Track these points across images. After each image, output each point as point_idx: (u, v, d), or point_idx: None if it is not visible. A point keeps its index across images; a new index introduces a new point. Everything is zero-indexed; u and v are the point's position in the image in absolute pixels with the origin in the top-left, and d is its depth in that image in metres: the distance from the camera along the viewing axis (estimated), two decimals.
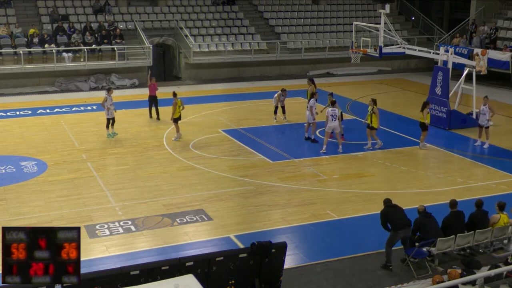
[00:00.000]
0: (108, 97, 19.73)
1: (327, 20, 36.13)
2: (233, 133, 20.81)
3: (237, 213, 14.04)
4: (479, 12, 34.13)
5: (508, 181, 16.42)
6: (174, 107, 19.58)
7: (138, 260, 11.21)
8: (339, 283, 10.91)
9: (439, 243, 11.15)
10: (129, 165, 17.26)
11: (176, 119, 19.68)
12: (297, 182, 16.07)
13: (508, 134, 21.47)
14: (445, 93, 21.82)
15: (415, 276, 10.97)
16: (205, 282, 8.74)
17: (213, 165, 17.24)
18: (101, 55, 29.26)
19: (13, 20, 29.63)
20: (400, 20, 37.70)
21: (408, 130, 21.36)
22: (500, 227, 11.87)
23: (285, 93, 22.15)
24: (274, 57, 32.48)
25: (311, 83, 22.03)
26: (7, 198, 14.65)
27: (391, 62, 35.18)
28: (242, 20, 34.04)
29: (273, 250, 9.73)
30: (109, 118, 19.84)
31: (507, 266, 9.99)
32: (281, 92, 22.06)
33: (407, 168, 17.37)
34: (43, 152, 18.33)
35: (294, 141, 20.27)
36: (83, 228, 12.77)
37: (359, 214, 14.09)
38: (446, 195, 14.55)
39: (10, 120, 22.49)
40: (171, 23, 32.26)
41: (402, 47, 22.45)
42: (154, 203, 14.48)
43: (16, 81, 27.62)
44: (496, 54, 29.50)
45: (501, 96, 27.88)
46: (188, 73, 31.48)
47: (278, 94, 22.13)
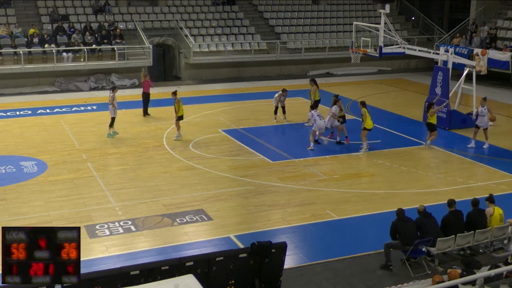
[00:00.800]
0: (114, 95, 19.84)
1: (327, 20, 36.12)
2: (233, 133, 20.81)
3: (237, 213, 14.04)
4: (479, 12, 34.13)
5: (508, 181, 16.42)
6: (177, 105, 19.58)
7: (138, 260, 11.21)
8: (339, 283, 10.91)
9: (439, 243, 11.15)
10: (129, 165, 17.26)
11: (179, 118, 19.68)
12: (297, 182, 16.07)
13: (508, 134, 21.46)
14: (445, 93, 21.82)
15: (412, 276, 10.97)
16: (205, 282, 8.74)
17: (213, 165, 17.23)
18: (101, 55, 29.26)
19: (13, 20, 29.63)
20: (400, 20, 37.70)
21: (408, 130, 21.37)
22: (500, 227, 11.89)
23: (285, 93, 22.15)
24: (274, 57, 32.47)
25: (313, 84, 22.04)
26: (7, 198, 14.65)
27: (391, 62, 35.17)
28: (242, 20, 34.04)
29: (273, 250, 9.73)
30: (114, 117, 19.88)
31: (507, 266, 9.99)
32: (282, 92, 22.06)
33: (407, 168, 17.37)
34: (43, 152, 18.33)
35: (294, 141, 20.27)
36: (83, 228, 12.76)
37: (359, 214, 14.09)
38: (446, 195, 14.53)
39: (10, 120, 22.49)
40: (171, 23, 32.26)
41: (402, 47, 22.45)
42: (154, 203, 14.48)
43: (16, 81, 27.61)
44: (496, 54, 29.49)
45: (501, 96, 27.88)
46: (188, 73, 31.48)
47: (279, 94, 22.12)
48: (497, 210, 12.11)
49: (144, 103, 22.93)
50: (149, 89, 22.73)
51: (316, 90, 21.96)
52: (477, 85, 23.23)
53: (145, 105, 22.95)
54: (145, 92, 22.79)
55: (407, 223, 11.31)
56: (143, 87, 22.91)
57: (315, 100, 21.66)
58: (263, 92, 27.96)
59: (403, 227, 11.26)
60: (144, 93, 22.82)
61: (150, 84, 22.81)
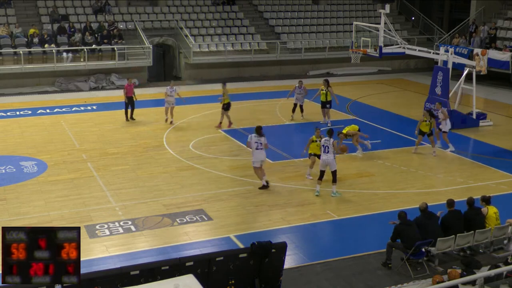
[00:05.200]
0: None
1: (327, 20, 36.11)
2: (233, 133, 20.81)
3: (237, 213, 14.04)
4: (479, 12, 34.13)
5: (508, 181, 16.43)
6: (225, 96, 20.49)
7: (138, 260, 11.22)
8: (339, 283, 10.91)
9: (439, 243, 11.15)
10: (129, 165, 17.26)
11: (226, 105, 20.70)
12: (297, 182, 16.06)
13: (508, 134, 21.46)
14: (445, 93, 21.82)
15: (412, 276, 10.97)
16: (205, 282, 8.74)
17: (213, 165, 17.23)
18: (101, 55, 29.26)
19: (13, 20, 29.63)
20: (400, 20, 37.69)
21: (408, 130, 21.34)
22: (500, 227, 11.89)
23: (300, 84, 22.32)
24: (274, 57, 32.47)
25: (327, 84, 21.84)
26: (7, 198, 14.65)
27: (391, 62, 35.16)
28: (242, 20, 34.03)
29: (273, 250, 9.73)
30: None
31: (507, 266, 9.98)
32: (298, 84, 22.34)
33: (407, 168, 17.37)
34: (43, 152, 18.33)
35: (294, 141, 20.28)
36: (83, 228, 12.77)
37: (359, 214, 14.08)
38: (446, 195, 14.53)
39: (10, 120, 22.49)
40: (171, 23, 32.25)
41: (402, 47, 22.45)
42: (154, 203, 14.48)
43: (16, 81, 27.62)
44: (496, 54, 29.49)
45: (501, 96, 27.91)
46: (188, 73, 31.48)
47: (293, 88, 22.47)
48: (491, 209, 12.13)
49: (128, 107, 22.16)
50: (132, 93, 21.95)
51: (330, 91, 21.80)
52: (477, 85, 23.25)
53: (128, 109, 22.19)
54: (129, 96, 22.02)
55: (411, 227, 11.25)
56: (126, 91, 22.00)
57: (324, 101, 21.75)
58: (263, 92, 27.98)
59: (407, 231, 11.19)
60: (128, 97, 22.02)
61: (133, 88, 22.06)
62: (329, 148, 14.78)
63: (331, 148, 14.78)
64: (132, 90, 22.07)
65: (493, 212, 12.10)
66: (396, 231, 11.29)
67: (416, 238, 11.11)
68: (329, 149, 14.79)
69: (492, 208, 12.19)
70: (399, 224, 11.31)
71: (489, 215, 12.04)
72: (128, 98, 22.06)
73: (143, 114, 23.01)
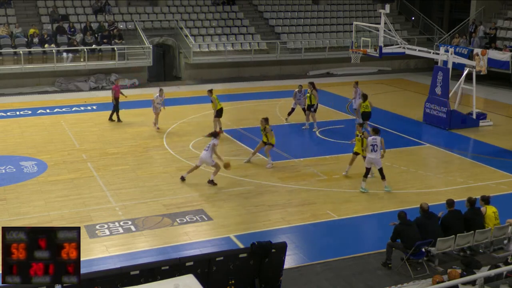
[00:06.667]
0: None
1: (327, 20, 36.11)
2: (233, 133, 20.81)
3: (237, 213, 14.04)
4: (479, 12, 34.13)
5: (508, 181, 16.42)
6: (215, 103, 20.07)
7: (138, 260, 11.22)
8: (339, 283, 10.91)
9: (439, 243, 11.15)
10: (129, 165, 17.26)
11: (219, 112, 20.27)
12: (297, 182, 16.07)
13: (508, 134, 21.46)
14: (445, 93, 21.81)
15: (412, 276, 10.97)
16: (205, 282, 8.74)
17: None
18: (101, 55, 29.26)
19: (13, 20, 29.63)
20: (400, 20, 37.69)
21: (408, 130, 21.36)
22: (500, 227, 11.89)
23: (301, 90, 22.02)
24: (274, 57, 32.46)
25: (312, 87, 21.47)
26: (7, 198, 14.65)
27: (391, 62, 35.16)
28: (242, 20, 34.03)
29: (273, 250, 9.73)
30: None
31: (507, 266, 9.98)
32: (298, 89, 22.05)
33: (407, 168, 17.37)
34: (43, 152, 18.33)
35: (294, 141, 20.28)
36: (83, 228, 12.77)
37: (359, 214, 14.09)
38: (446, 195, 14.53)
39: (10, 120, 22.49)
40: (171, 23, 32.26)
41: (402, 47, 22.44)
42: (154, 203, 14.48)
43: (16, 81, 27.61)
44: (496, 54, 29.49)
45: (501, 96, 27.90)
46: (188, 73, 31.48)
47: (295, 93, 22.12)
48: (489, 209, 12.13)
49: (116, 108, 22.01)
50: (119, 94, 21.76)
51: (316, 94, 21.37)
52: (477, 85, 23.24)
53: (115, 110, 22.01)
54: (117, 97, 21.80)
55: (411, 228, 11.25)
56: (114, 92, 21.78)
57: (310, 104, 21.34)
58: (263, 92, 27.98)
59: (407, 232, 11.18)
60: (116, 98, 21.80)
61: (119, 89, 21.94)
62: (377, 147, 15.03)
63: (379, 146, 15.04)
64: (119, 91, 21.90)
65: (492, 211, 12.10)
66: (396, 231, 11.30)
67: (416, 238, 11.11)
68: (377, 147, 15.03)
69: (491, 207, 12.19)
70: (399, 224, 11.32)
71: (488, 214, 12.05)
72: (116, 99, 21.78)
73: (143, 114, 23.00)
